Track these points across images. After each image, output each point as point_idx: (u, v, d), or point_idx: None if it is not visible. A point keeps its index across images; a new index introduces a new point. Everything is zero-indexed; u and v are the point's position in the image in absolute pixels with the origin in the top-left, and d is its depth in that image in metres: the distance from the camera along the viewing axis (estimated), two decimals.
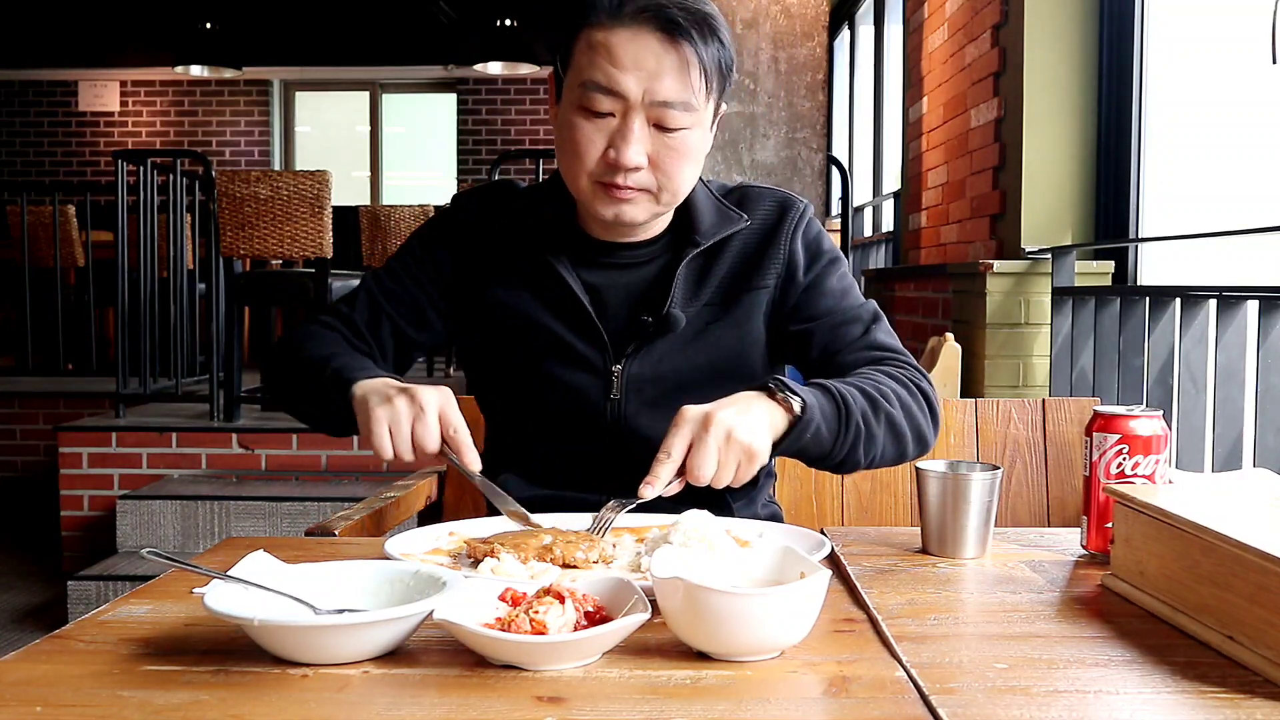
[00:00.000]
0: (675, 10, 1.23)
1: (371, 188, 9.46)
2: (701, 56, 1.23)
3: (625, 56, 1.23)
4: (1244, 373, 2.29)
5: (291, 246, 4.42)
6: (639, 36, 1.23)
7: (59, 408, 5.60)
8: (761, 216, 1.40)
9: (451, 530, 1.18)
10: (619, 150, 1.24)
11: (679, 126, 1.25)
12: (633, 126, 1.24)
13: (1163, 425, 1.14)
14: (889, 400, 1.24)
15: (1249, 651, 0.81)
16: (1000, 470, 1.15)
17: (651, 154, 1.25)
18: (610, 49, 1.23)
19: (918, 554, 1.16)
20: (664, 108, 1.23)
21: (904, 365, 1.33)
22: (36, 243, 6.28)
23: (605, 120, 1.25)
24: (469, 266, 1.41)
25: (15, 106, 9.21)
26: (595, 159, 1.26)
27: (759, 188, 1.44)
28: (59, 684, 0.79)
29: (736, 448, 1.09)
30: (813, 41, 4.05)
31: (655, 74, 1.22)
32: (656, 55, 1.23)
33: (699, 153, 1.30)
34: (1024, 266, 3.37)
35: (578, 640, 0.81)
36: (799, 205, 1.42)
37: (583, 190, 1.29)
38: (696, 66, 1.23)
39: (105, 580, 3.83)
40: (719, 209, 1.39)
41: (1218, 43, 3.10)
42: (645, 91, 1.23)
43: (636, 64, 1.23)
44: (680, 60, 1.23)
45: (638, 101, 1.23)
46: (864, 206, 6.74)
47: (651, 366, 1.35)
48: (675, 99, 1.23)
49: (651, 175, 1.26)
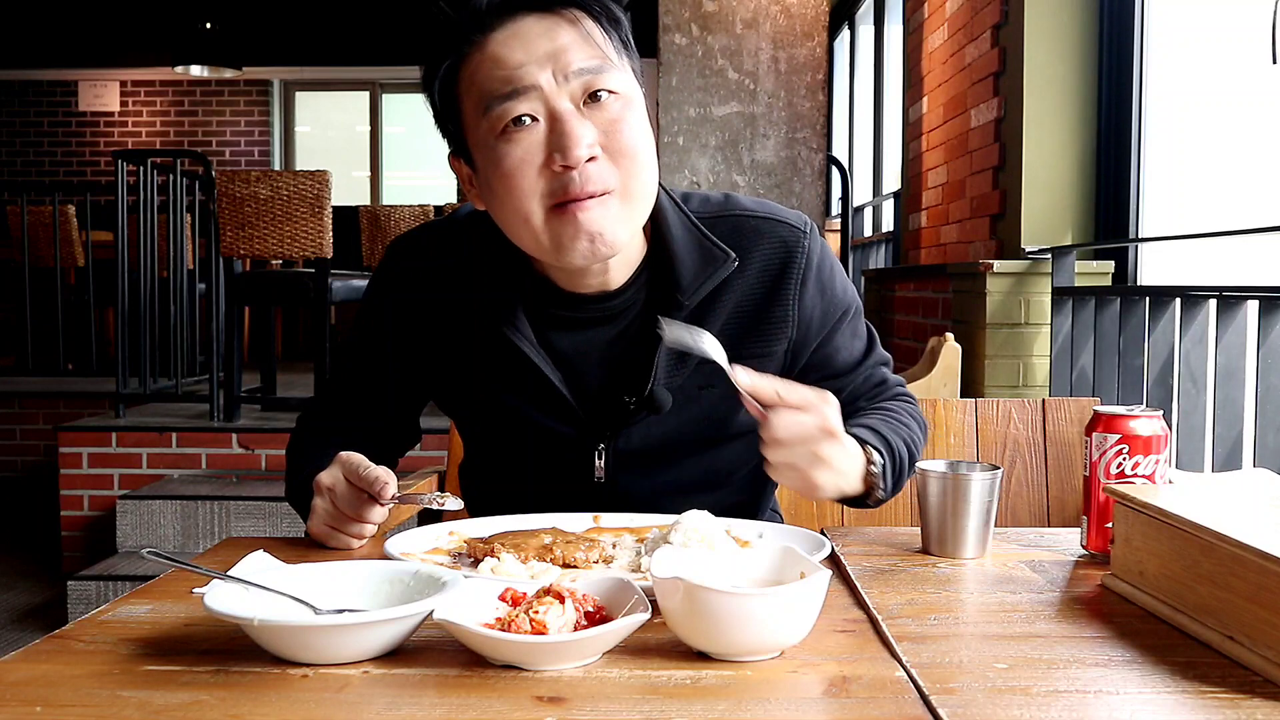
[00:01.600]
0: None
1: (371, 188, 9.46)
2: (592, 11, 1.10)
3: (514, 53, 1.08)
4: (1244, 373, 2.29)
5: (291, 246, 4.42)
6: (517, 27, 1.09)
7: (59, 408, 5.60)
8: (761, 262, 1.21)
9: (451, 530, 1.18)
10: (562, 149, 1.06)
11: (607, 88, 1.09)
12: (565, 116, 1.07)
13: (1163, 425, 1.14)
14: (914, 446, 1.25)
15: (1249, 651, 0.81)
16: (1000, 470, 1.15)
17: (600, 140, 1.08)
18: (495, 57, 1.08)
19: (918, 554, 1.16)
20: (584, 75, 1.08)
21: (911, 401, 1.34)
22: (36, 243, 6.28)
23: (531, 129, 1.08)
24: (421, 340, 1.27)
25: (15, 106, 9.21)
26: (537, 177, 1.08)
27: (754, 218, 1.23)
28: (59, 684, 0.79)
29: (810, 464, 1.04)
30: (813, 41, 4.05)
31: (554, 51, 1.08)
32: (544, 34, 1.08)
33: (647, 130, 1.12)
34: (1024, 266, 3.37)
35: (578, 640, 0.81)
36: (803, 246, 1.22)
37: (538, 231, 1.10)
38: (593, 25, 1.10)
39: (105, 580, 3.83)
40: (700, 247, 1.19)
41: (1217, 42, 3.10)
42: (554, 70, 1.07)
43: (529, 53, 1.08)
44: (572, 26, 1.09)
45: (553, 86, 1.07)
46: (864, 206, 6.74)
47: (639, 440, 1.22)
48: (589, 64, 1.08)
49: (610, 165, 1.09)
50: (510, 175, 1.08)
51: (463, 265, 1.23)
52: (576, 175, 1.07)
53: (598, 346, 1.22)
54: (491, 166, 1.10)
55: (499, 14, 1.09)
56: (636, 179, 1.11)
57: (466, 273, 1.23)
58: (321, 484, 1.15)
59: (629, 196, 1.11)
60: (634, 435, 1.23)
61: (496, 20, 1.09)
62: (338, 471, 1.14)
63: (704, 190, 1.31)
